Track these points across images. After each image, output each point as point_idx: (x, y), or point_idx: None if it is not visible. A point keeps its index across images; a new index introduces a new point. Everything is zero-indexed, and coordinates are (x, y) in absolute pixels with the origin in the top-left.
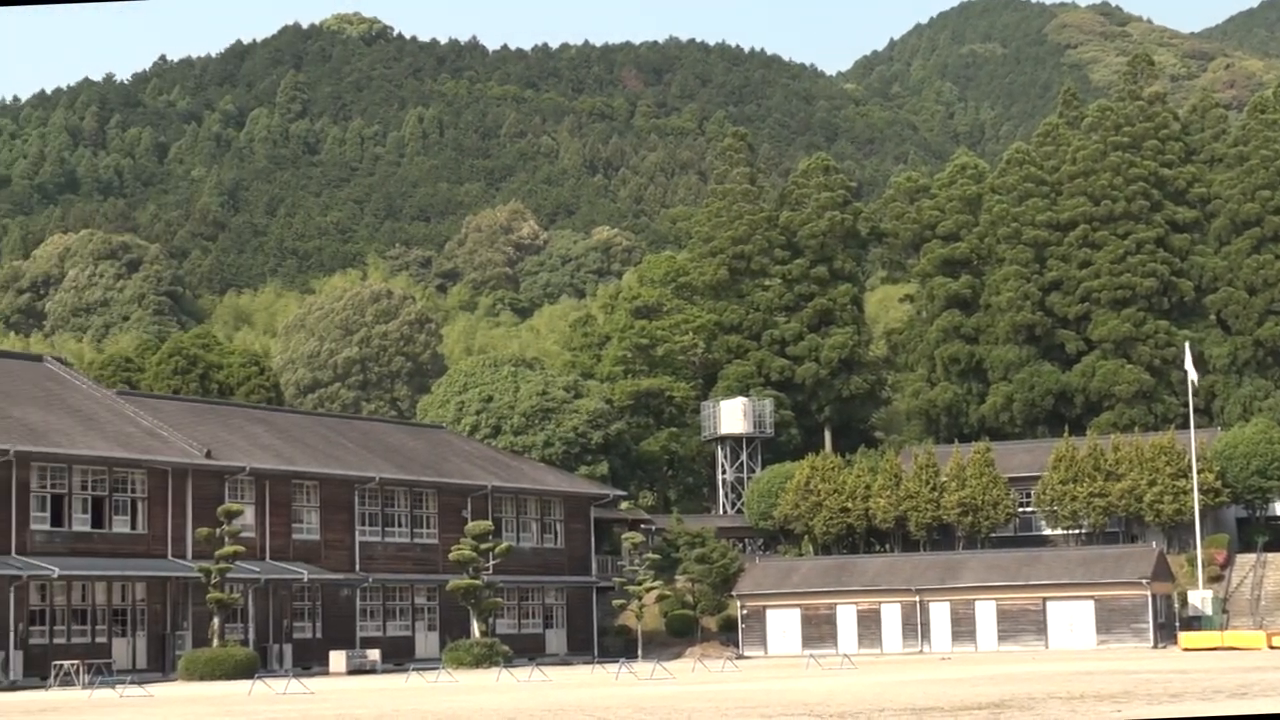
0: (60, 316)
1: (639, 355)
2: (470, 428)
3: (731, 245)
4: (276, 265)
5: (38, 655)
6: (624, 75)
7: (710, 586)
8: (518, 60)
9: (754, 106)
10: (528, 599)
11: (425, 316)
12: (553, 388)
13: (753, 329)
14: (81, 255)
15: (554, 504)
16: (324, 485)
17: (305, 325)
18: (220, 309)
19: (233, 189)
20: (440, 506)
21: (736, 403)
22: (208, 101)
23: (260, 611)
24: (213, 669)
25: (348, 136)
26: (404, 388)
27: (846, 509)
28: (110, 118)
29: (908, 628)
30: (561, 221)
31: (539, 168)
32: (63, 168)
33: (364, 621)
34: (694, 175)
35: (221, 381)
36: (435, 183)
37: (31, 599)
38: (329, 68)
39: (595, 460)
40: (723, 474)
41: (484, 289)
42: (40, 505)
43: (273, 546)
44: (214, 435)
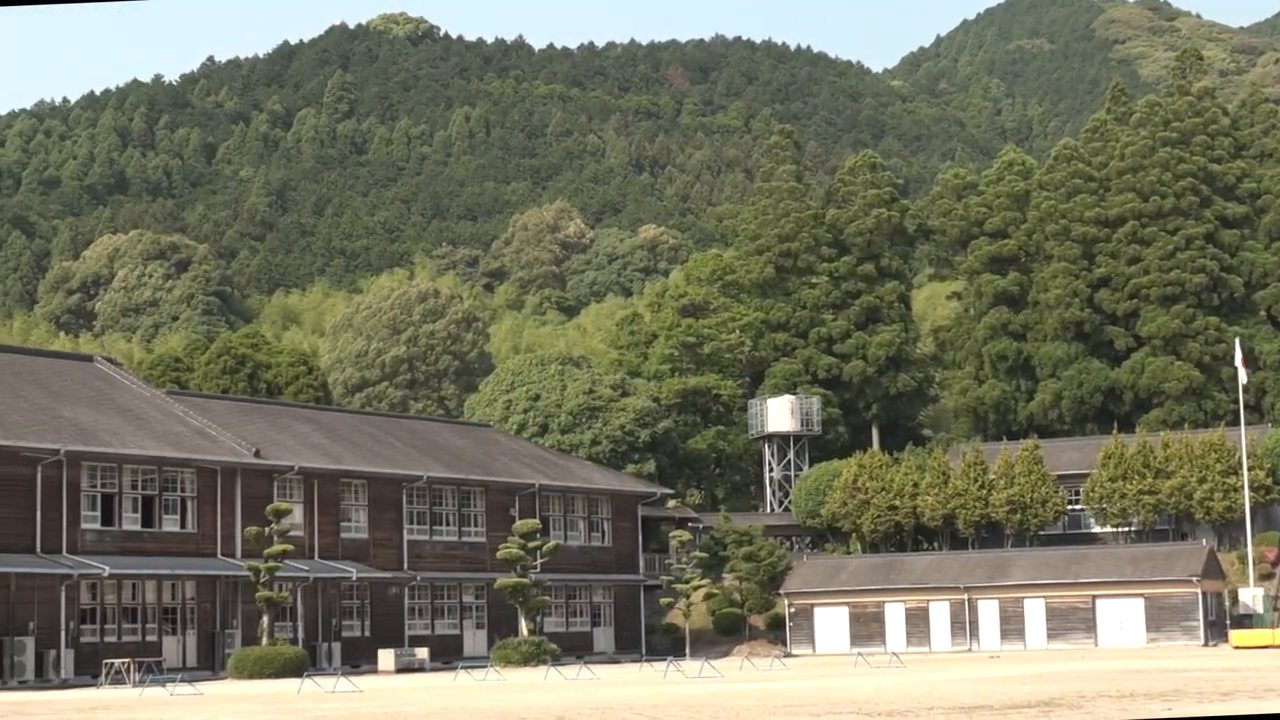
0: (110, 317)
1: (686, 353)
2: (518, 426)
3: (778, 243)
4: (324, 265)
5: (89, 654)
6: (670, 73)
7: (758, 585)
8: (564, 59)
9: (800, 104)
10: (575, 597)
11: (472, 315)
12: (600, 386)
13: (800, 327)
14: (131, 256)
15: (601, 502)
16: (372, 484)
17: (353, 325)
18: (268, 309)
19: (280, 189)
20: (488, 505)
21: (783, 400)
22: (255, 102)
23: (309, 610)
24: (262, 667)
25: (395, 136)
26: (451, 386)
27: (894, 507)
28: (159, 119)
29: (956, 626)
30: (608, 220)
31: (585, 166)
32: (112, 169)
33: (412, 620)
34: (740, 173)
35: (270, 381)
36: (482, 182)
37: (82, 598)
38: (376, 68)
39: (642, 458)
40: (770, 472)
41: (531, 288)
42: (91, 505)
43: (321, 545)
44: (262, 434)
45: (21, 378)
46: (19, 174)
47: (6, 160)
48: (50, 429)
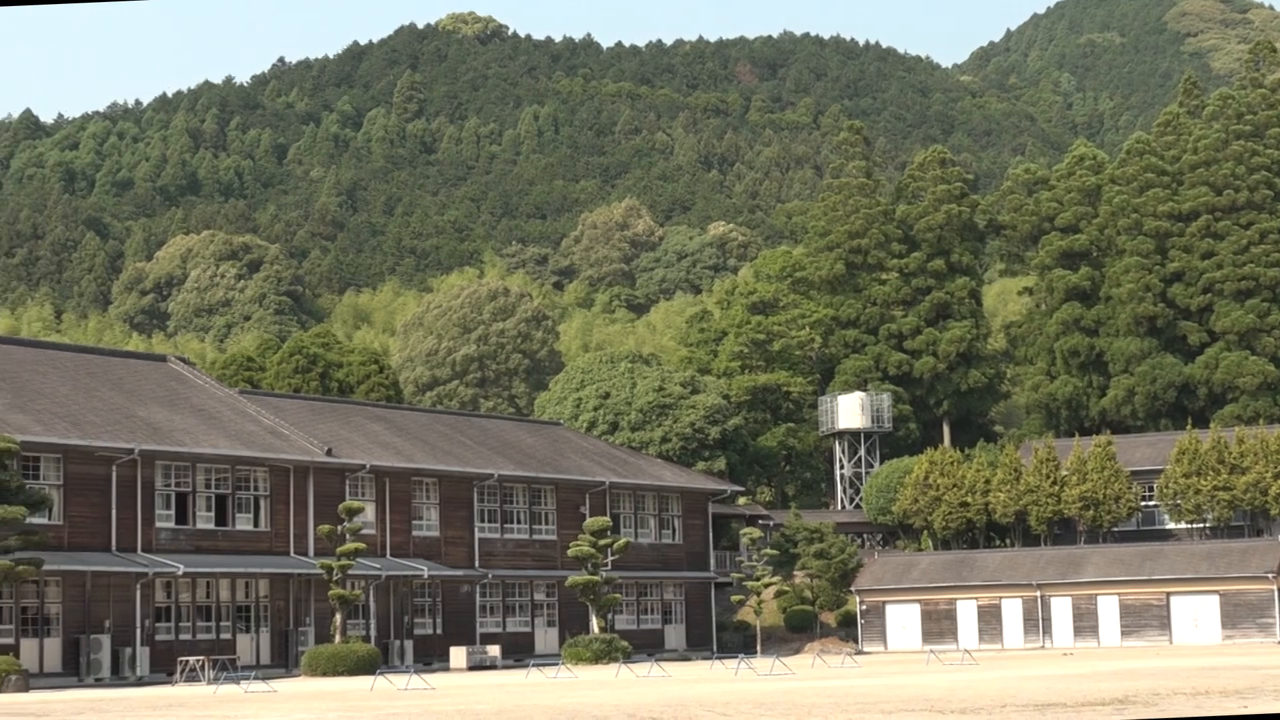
0: (183, 317)
1: (756, 350)
2: (588, 424)
3: (848, 239)
4: (395, 264)
5: (164, 651)
6: (738, 70)
7: (829, 582)
8: (632, 57)
9: (869, 100)
10: (646, 594)
11: (542, 314)
12: (669, 383)
13: (870, 323)
14: (203, 256)
15: (672, 500)
16: (443, 482)
17: (423, 323)
18: (340, 308)
19: (351, 189)
20: (559, 503)
21: (854, 397)
22: (325, 102)
23: (381, 608)
24: (335, 665)
25: (464, 135)
26: (521, 385)
27: (966, 503)
28: (230, 120)
29: (1029, 623)
30: (677, 217)
31: (654, 164)
32: (184, 170)
33: (484, 618)
34: (809, 169)
35: (341, 380)
36: (551, 180)
37: (157, 596)
38: (445, 67)
39: (713, 456)
40: (840, 469)
41: (600, 286)
42: (165, 503)
43: (393, 543)
44: (334, 433)
45: (96, 378)
46: (93, 176)
47: (80, 162)
48: (125, 429)
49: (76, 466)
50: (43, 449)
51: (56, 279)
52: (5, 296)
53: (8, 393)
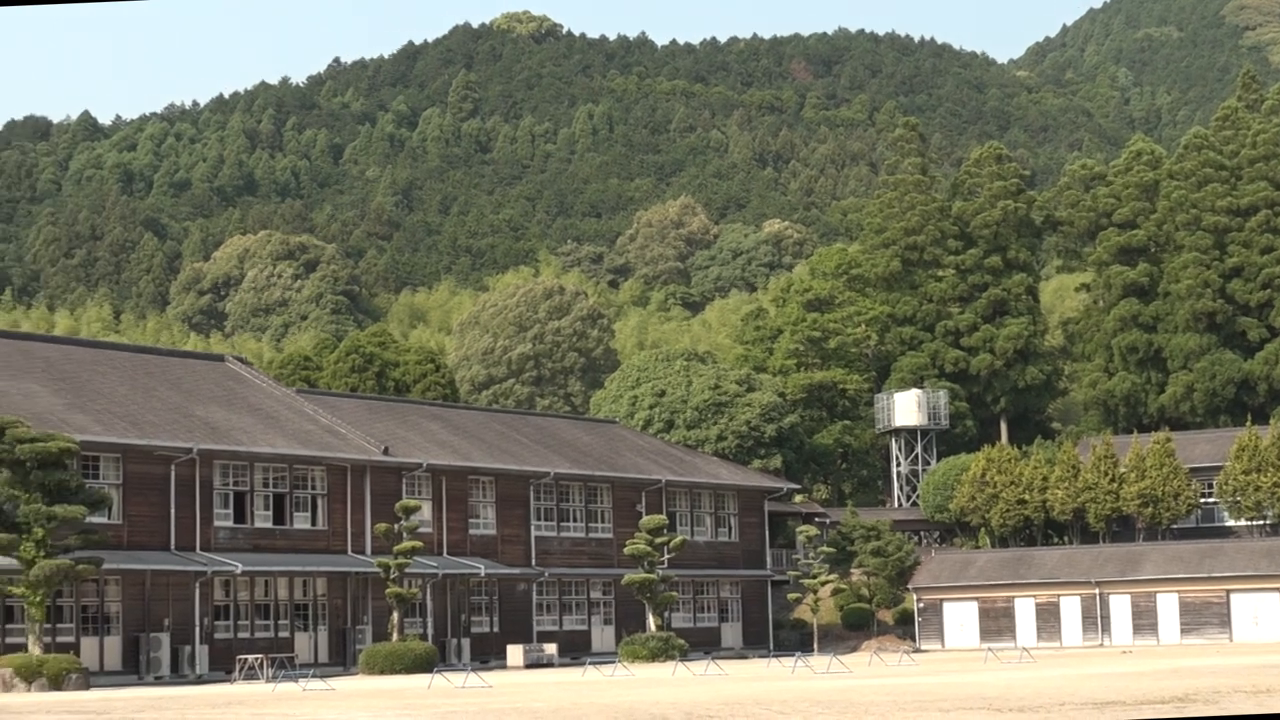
0: (240, 317)
1: (811, 348)
2: (643, 422)
3: (904, 236)
4: (450, 263)
5: (222, 649)
6: (793, 67)
7: (886, 579)
8: (686, 55)
9: (925, 96)
10: (703, 592)
11: (597, 312)
12: (725, 381)
13: (926, 320)
14: (260, 256)
15: (728, 498)
16: (500, 481)
17: (479, 322)
18: (396, 307)
19: (406, 188)
20: (615, 501)
21: (910, 395)
22: (381, 102)
23: (438, 606)
24: (392, 663)
25: (519, 134)
26: (577, 383)
27: (1023, 501)
28: (286, 120)
29: (1087, 621)
30: (732, 215)
31: (709, 162)
32: (241, 170)
33: (540, 616)
34: (865, 166)
35: (398, 379)
36: (606, 179)
37: (216, 594)
38: (499, 66)
39: (769, 454)
40: (897, 466)
41: (655, 284)
42: (223, 502)
43: (450, 542)
44: (391, 432)
45: (155, 378)
46: (150, 177)
47: (138, 164)
48: (183, 428)
49: (136, 466)
50: (102, 449)
51: (115, 280)
52: (65, 297)
53: (68, 393)
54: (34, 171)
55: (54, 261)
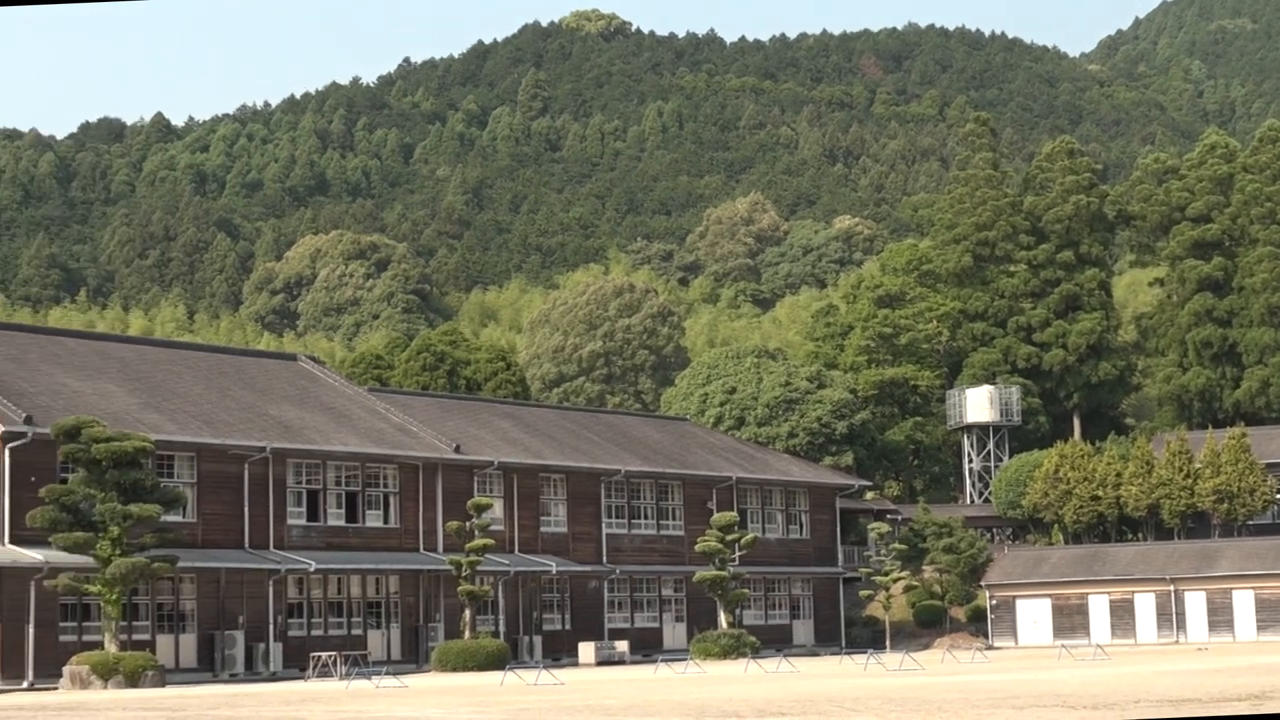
0: (312, 316)
1: (882, 344)
2: (714, 419)
3: (975, 231)
4: (520, 261)
5: (296, 647)
6: (863, 63)
7: (958, 577)
8: (756, 51)
9: (996, 91)
10: (774, 590)
11: (667, 309)
12: (796, 378)
13: (998, 316)
14: (332, 256)
15: (799, 495)
16: (571, 478)
17: (549, 320)
18: (467, 306)
19: (477, 187)
20: (686, 498)
21: (982, 391)
22: (451, 102)
23: (510, 603)
24: (465, 660)
25: (588, 133)
26: (648, 380)
27: (1097, 497)
28: (357, 120)
29: (1162, 618)
30: (802, 212)
31: (779, 158)
32: (312, 170)
33: (612, 613)
34: (935, 162)
35: (469, 377)
36: (675, 176)
37: (289, 592)
38: (569, 65)
39: (840, 450)
40: (969, 463)
41: (725, 281)
42: (296, 500)
43: (521, 539)
44: (462, 430)
45: (229, 377)
46: (223, 178)
47: (211, 164)
48: (257, 427)
49: (210, 465)
50: (177, 447)
51: (189, 280)
52: (139, 298)
53: (143, 392)
54: (108, 173)
55: (128, 262)
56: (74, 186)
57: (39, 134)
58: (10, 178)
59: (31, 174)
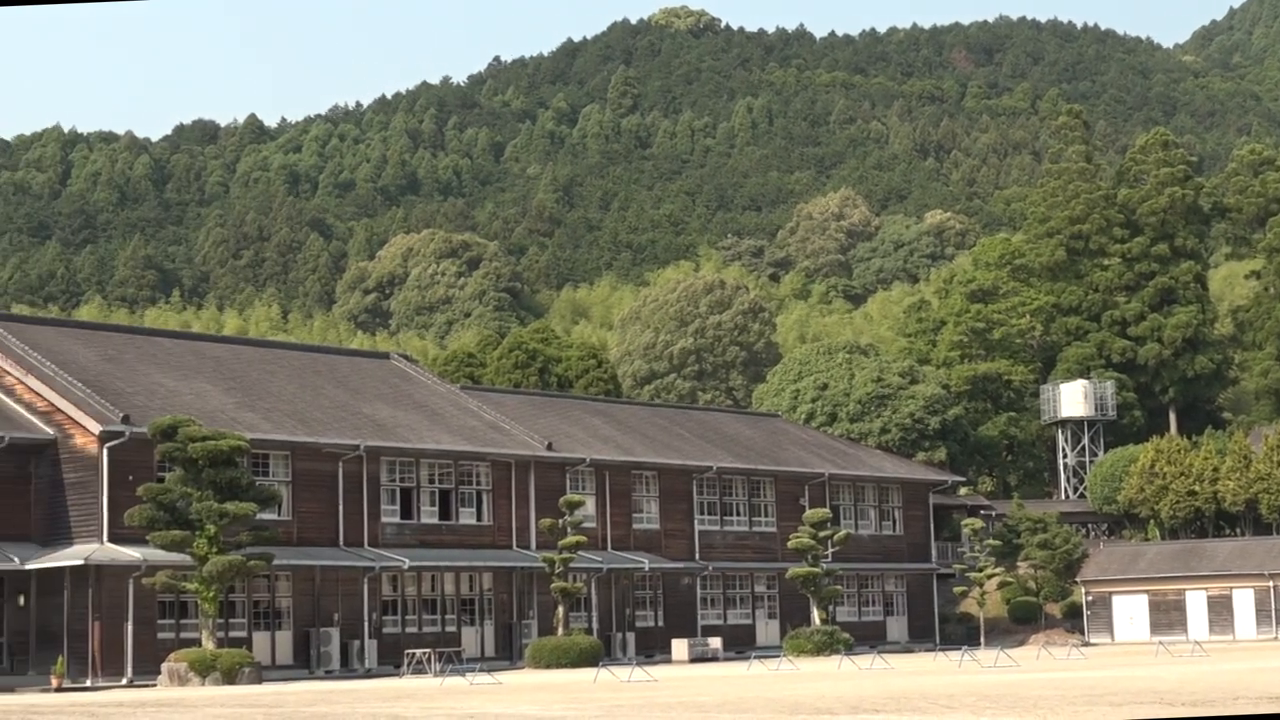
0: (405, 315)
1: (975, 339)
2: (806, 415)
3: (1068, 225)
4: (611, 259)
5: (390, 644)
6: (954, 56)
7: (1053, 573)
8: (845, 46)
9: (1088, 83)
10: (867, 586)
11: (758, 305)
12: (888, 374)
13: (1092, 310)
14: (424, 254)
15: (892, 491)
16: (663, 475)
17: (640, 317)
18: (558, 303)
19: (567, 185)
20: (778, 495)
21: (1077, 385)
22: (541, 100)
23: (603, 600)
24: (558, 657)
25: (678, 129)
26: (739, 377)
27: (1194, 492)
28: (448, 119)
29: (1261, 613)
30: (893, 206)
31: (869, 153)
32: (404, 170)
33: (704, 610)
34: (1028, 155)
35: (560, 375)
36: (766, 172)
37: (384, 589)
38: (658, 62)
39: (933, 446)
40: (1063, 458)
41: (816, 276)
42: (390, 498)
43: (613, 536)
44: (554, 427)
45: (322, 376)
46: (315, 178)
47: (304, 165)
48: (350, 425)
49: (304, 463)
50: (272, 446)
51: (282, 280)
52: (233, 298)
53: (238, 392)
54: (203, 174)
55: (223, 263)
56: (169, 188)
57: (134, 136)
58: (106, 180)
59: (127, 176)
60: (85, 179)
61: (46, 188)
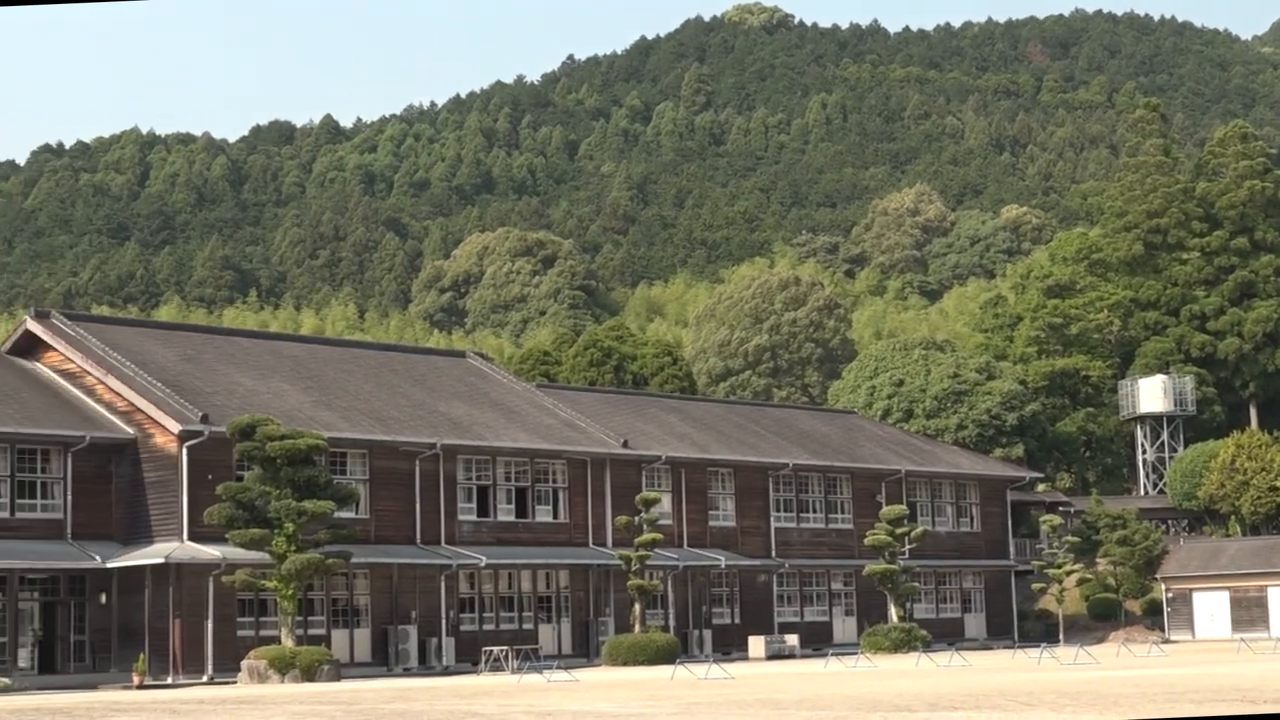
0: (480, 313)
1: (1052, 335)
2: (882, 412)
3: (1146, 219)
4: (686, 256)
5: (468, 641)
6: (1029, 50)
7: (1133, 569)
8: (920, 41)
9: (1165, 75)
10: (945, 583)
11: (834, 302)
12: (964, 370)
13: (1171, 304)
14: (499, 253)
15: (969, 487)
16: (739, 472)
17: (715, 314)
18: (633, 301)
19: (641, 183)
20: (854, 492)
21: (1155, 380)
22: (615, 98)
23: (679, 598)
24: (635, 654)
25: (752, 126)
26: (814, 374)
27: (1275, 488)
28: (522, 118)
29: None
30: (969, 202)
31: (944, 148)
32: (478, 169)
33: (781, 607)
34: (1104, 149)
35: (635, 372)
36: (840, 168)
37: (461, 587)
38: (732, 59)
39: (1010, 442)
40: (1142, 454)
41: (892, 272)
42: (467, 496)
43: (690, 534)
44: (629, 425)
45: (399, 375)
46: (391, 178)
47: (379, 165)
48: (427, 424)
49: (381, 461)
50: (349, 445)
51: (358, 279)
52: (310, 297)
53: (315, 391)
54: (279, 175)
55: (299, 262)
56: (246, 189)
57: (211, 138)
58: (184, 181)
59: (205, 177)
60: (163, 180)
61: (125, 189)
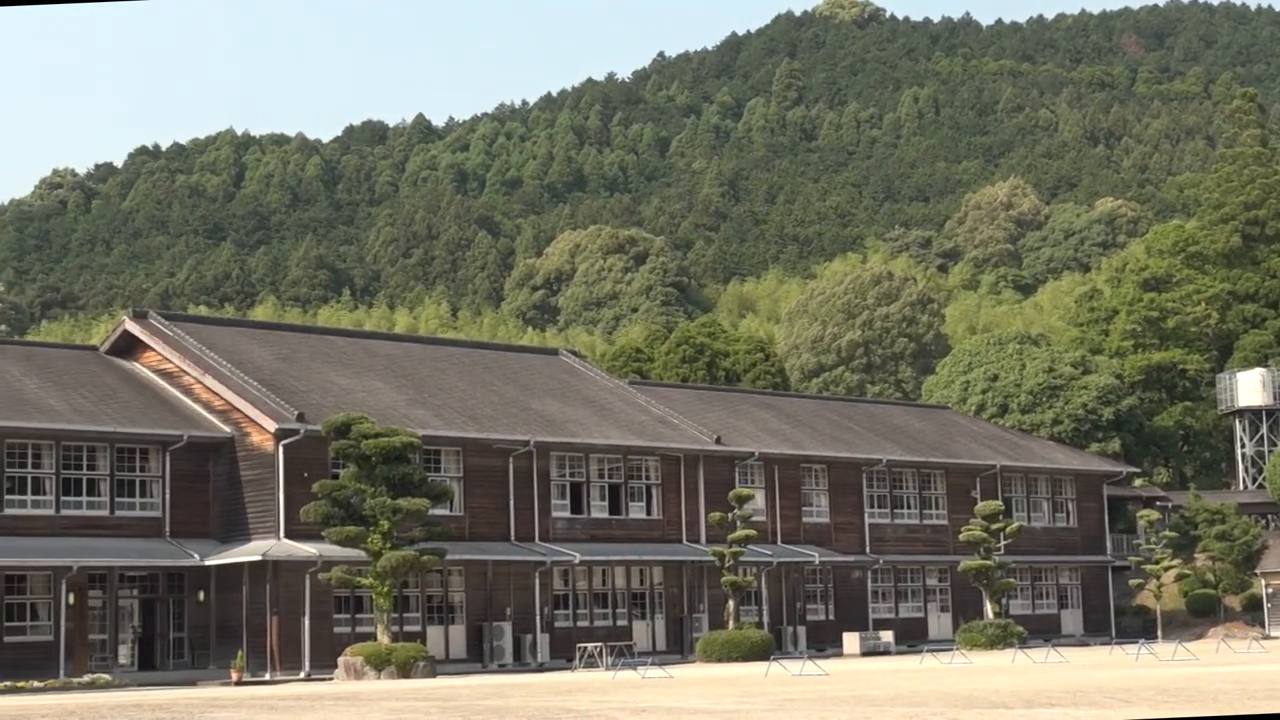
0: (573, 311)
1: (1149, 328)
2: (976, 407)
3: (1244, 211)
4: (778, 252)
5: (562, 638)
6: (1123, 41)
7: (1232, 565)
8: (1012, 33)
9: (1263, 65)
10: (1041, 579)
11: (927, 297)
12: (1060, 364)
13: (1269, 297)
14: (590, 250)
15: (1065, 482)
16: (832, 468)
17: (808, 310)
18: (724, 297)
19: (732, 179)
20: (949, 487)
21: (1254, 374)
22: (705, 94)
23: (773, 594)
24: (729, 651)
25: (843, 121)
26: (908, 369)
27: None
28: (613, 116)
29: None
30: (1063, 195)
31: (1038, 141)
32: (570, 166)
33: (875, 603)
34: (1201, 140)
35: (728, 368)
36: (933, 162)
37: (555, 584)
38: (823, 53)
39: (1106, 437)
40: (1241, 448)
41: (985, 267)
42: (560, 493)
43: (783, 530)
44: (722, 421)
45: (492, 372)
46: (483, 176)
47: (471, 163)
48: (520, 421)
49: (475, 459)
50: (443, 442)
51: (451, 277)
52: (404, 296)
53: (409, 389)
54: (372, 175)
55: (393, 261)
56: (339, 188)
57: (305, 138)
58: (279, 181)
59: (299, 177)
60: (258, 181)
61: (221, 190)
